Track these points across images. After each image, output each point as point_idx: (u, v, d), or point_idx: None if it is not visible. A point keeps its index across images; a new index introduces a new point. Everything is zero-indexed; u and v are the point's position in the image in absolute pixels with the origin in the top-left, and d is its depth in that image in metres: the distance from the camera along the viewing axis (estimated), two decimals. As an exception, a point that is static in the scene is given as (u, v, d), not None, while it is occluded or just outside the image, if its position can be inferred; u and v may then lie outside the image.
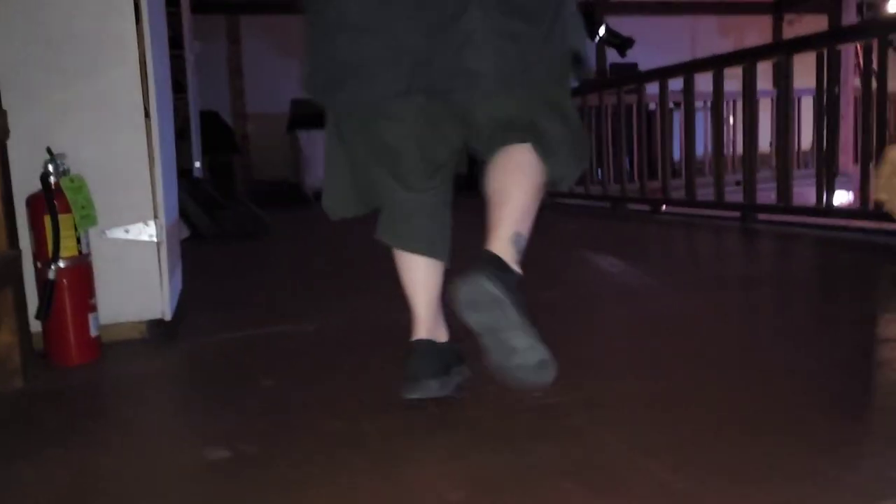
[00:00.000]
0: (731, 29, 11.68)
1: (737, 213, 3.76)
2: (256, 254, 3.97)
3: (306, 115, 8.77)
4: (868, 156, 2.95)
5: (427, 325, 1.42)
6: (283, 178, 9.50)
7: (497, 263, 1.27)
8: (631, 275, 2.64)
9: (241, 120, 9.59)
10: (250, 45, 9.49)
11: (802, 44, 3.54)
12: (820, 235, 3.25)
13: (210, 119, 7.55)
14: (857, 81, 7.70)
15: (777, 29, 11.84)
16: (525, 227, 1.35)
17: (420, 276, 1.44)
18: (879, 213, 3.03)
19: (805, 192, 6.05)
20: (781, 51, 3.53)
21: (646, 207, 4.69)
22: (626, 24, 10.43)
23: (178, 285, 2.32)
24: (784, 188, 3.52)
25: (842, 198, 6.93)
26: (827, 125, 3.34)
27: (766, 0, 11.62)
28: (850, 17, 7.01)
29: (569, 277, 2.58)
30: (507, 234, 1.31)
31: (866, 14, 8.43)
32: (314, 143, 8.79)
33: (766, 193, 3.76)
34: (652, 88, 4.77)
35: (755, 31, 11.79)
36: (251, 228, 4.76)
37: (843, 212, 3.25)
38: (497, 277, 1.23)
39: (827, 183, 3.29)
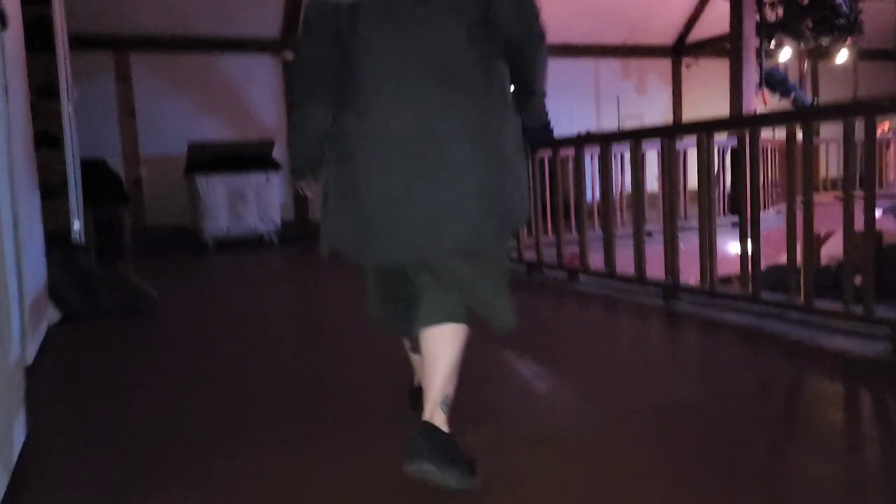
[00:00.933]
0: (633, 71, 11.98)
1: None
2: (137, 346, 3.50)
3: (204, 160, 8.23)
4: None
5: None
6: (179, 225, 8.88)
7: (431, 437, 1.59)
8: (556, 397, 2.39)
9: (134, 164, 8.93)
10: (142, 84, 8.88)
11: (719, 125, 3.45)
12: (748, 327, 3.10)
13: (95, 168, 6.91)
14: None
15: (676, 72, 12.24)
16: (452, 385, 1.71)
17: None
18: (810, 307, 2.92)
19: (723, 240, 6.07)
20: (701, 129, 3.42)
21: (563, 272, 4.51)
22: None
23: (20, 438, 1.89)
24: (707, 270, 3.39)
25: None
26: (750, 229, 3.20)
27: (665, 45, 11.99)
28: (749, 64, 7.20)
29: (492, 405, 2.29)
30: (437, 400, 1.66)
31: (765, 62, 8.76)
32: (213, 188, 8.25)
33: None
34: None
35: (655, 73, 12.14)
36: (135, 305, 4.25)
37: (773, 302, 3.12)
38: (434, 452, 1.56)
39: (752, 271, 3.17)
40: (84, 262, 4.31)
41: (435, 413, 1.65)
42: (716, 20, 11.13)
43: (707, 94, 11.96)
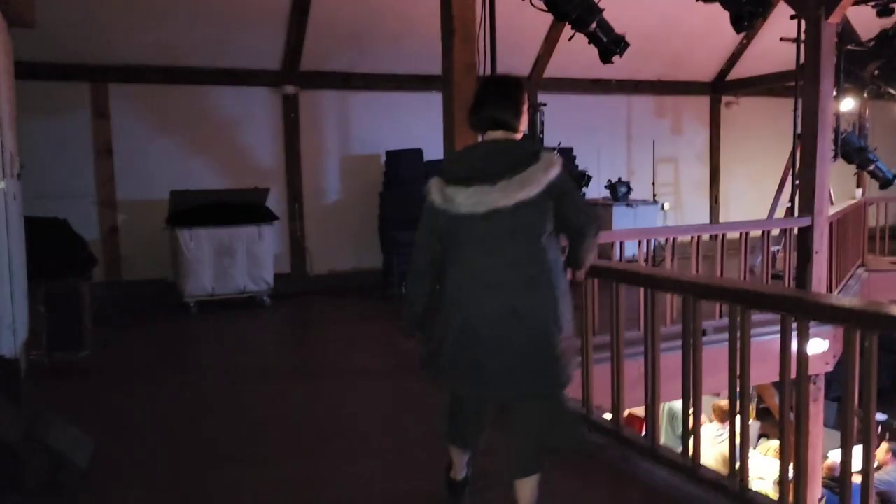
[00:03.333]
0: (668, 109, 10.92)
1: None
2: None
3: (189, 211, 7.21)
4: None
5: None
6: (161, 278, 7.87)
7: None
8: None
9: (110, 209, 7.91)
10: (121, 120, 7.85)
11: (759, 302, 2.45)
12: None
13: (52, 231, 5.88)
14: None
15: (714, 111, 11.16)
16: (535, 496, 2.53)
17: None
18: None
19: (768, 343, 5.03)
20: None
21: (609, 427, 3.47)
22: (559, 102, 9.38)
23: None
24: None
25: (817, 347, 5.98)
26: None
27: (703, 81, 10.91)
28: (826, 128, 6.03)
29: None
30: None
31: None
32: (197, 242, 7.23)
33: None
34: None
35: (692, 111, 11.07)
36: (55, 475, 3.28)
37: None
38: None
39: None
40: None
41: None
42: (761, 56, 10.09)
43: (750, 136, 10.91)
